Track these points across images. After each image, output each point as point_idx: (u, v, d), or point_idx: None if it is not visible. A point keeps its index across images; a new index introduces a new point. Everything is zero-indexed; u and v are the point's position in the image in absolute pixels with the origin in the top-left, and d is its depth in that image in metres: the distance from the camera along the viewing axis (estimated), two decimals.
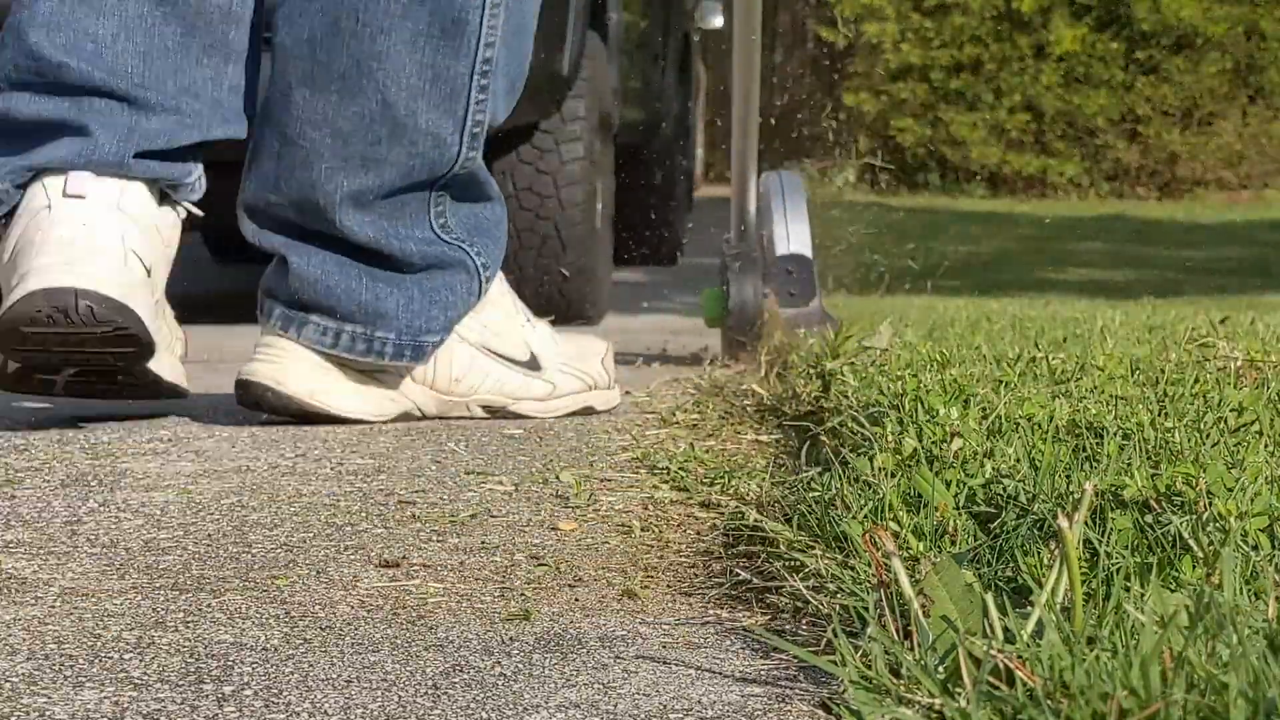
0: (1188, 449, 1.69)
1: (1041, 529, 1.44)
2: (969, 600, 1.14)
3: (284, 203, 2.44)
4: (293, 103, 2.38)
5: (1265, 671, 0.93)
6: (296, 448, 2.25)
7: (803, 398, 2.48)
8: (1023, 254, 9.37)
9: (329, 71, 2.36)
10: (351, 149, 2.38)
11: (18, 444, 2.24)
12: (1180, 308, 5.03)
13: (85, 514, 1.81)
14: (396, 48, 2.35)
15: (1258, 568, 1.28)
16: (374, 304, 2.43)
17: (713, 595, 1.51)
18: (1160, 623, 1.04)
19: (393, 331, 2.44)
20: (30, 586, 1.50)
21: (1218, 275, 7.99)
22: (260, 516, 1.82)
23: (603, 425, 2.53)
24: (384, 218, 2.41)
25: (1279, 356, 2.50)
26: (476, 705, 1.16)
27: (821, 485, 1.70)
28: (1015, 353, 2.61)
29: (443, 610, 1.44)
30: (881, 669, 1.10)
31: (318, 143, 2.38)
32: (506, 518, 1.84)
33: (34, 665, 1.24)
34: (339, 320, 2.43)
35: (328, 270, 2.43)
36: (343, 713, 1.14)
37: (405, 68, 2.35)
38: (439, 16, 2.34)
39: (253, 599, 1.46)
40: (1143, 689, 0.94)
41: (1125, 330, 3.37)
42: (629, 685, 1.22)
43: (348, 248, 2.43)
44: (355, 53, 2.34)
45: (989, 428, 1.87)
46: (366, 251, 2.43)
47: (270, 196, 2.44)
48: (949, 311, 4.15)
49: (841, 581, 1.39)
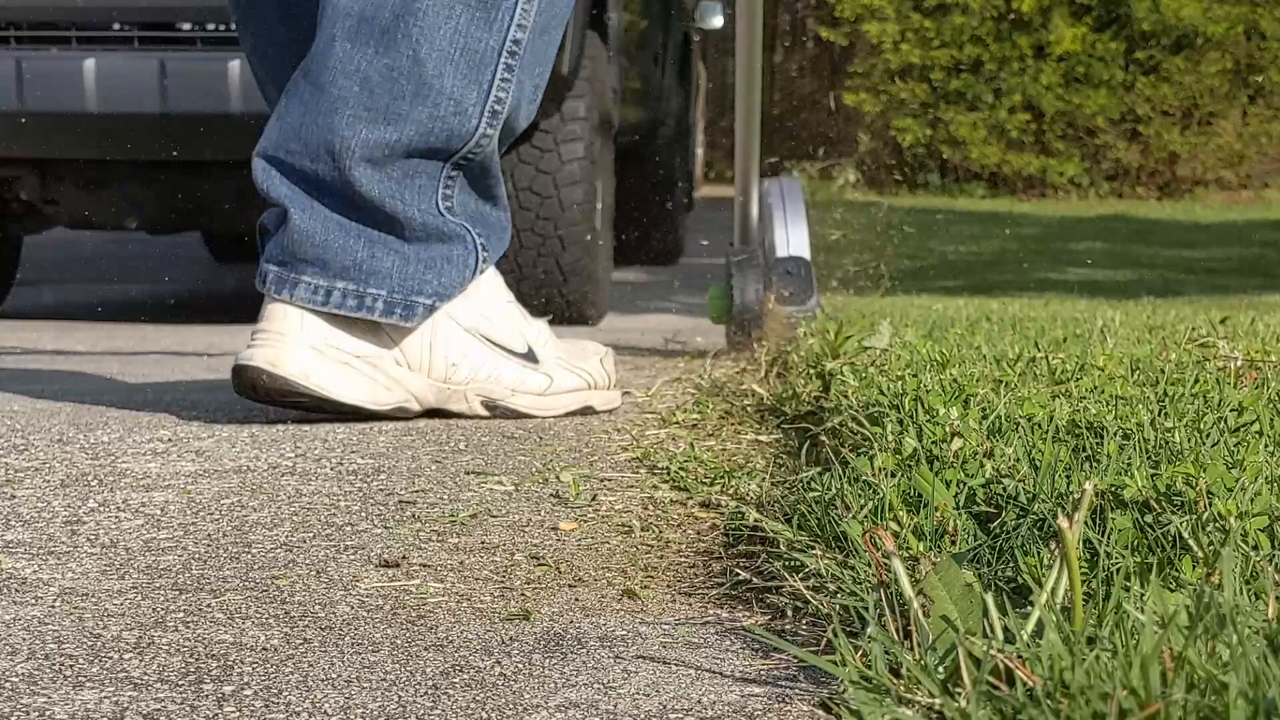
0: (1188, 449, 1.69)
1: (1041, 529, 1.44)
2: (969, 600, 1.14)
3: (301, 150, 2.47)
4: (333, 54, 2.45)
5: (1265, 671, 0.93)
6: (296, 448, 2.25)
7: (803, 398, 2.48)
8: (1023, 254, 9.37)
9: (371, 25, 2.43)
10: (377, 99, 2.43)
11: (18, 444, 2.24)
12: (1180, 308, 5.03)
13: (85, 514, 1.81)
14: (434, 7, 2.42)
15: (1258, 568, 1.28)
16: (369, 262, 2.47)
17: (713, 595, 1.51)
18: (1160, 623, 1.05)
19: (384, 289, 2.46)
20: (30, 586, 1.50)
21: (1218, 275, 7.99)
22: (260, 516, 1.82)
23: (603, 425, 2.53)
24: (394, 180, 2.45)
25: (1279, 356, 2.50)
26: (476, 705, 1.16)
27: (821, 485, 1.70)
28: (1015, 353, 2.61)
29: (443, 610, 1.44)
30: (881, 669, 1.10)
31: (346, 90, 2.44)
32: (506, 518, 1.84)
33: (34, 665, 1.24)
34: (330, 277, 2.45)
35: (328, 227, 2.47)
36: (343, 713, 1.14)
37: (440, 29, 2.42)
38: None
39: (253, 599, 1.46)
40: (1143, 689, 0.94)
41: (1125, 330, 3.37)
42: (629, 685, 1.22)
43: (353, 205, 2.46)
44: (396, 8, 2.42)
45: (989, 428, 1.87)
46: (370, 209, 2.47)
47: (290, 144, 2.48)
48: (949, 311, 4.14)
49: (841, 581, 1.39)
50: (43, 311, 5.35)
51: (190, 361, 3.43)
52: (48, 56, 4.57)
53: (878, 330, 2.75)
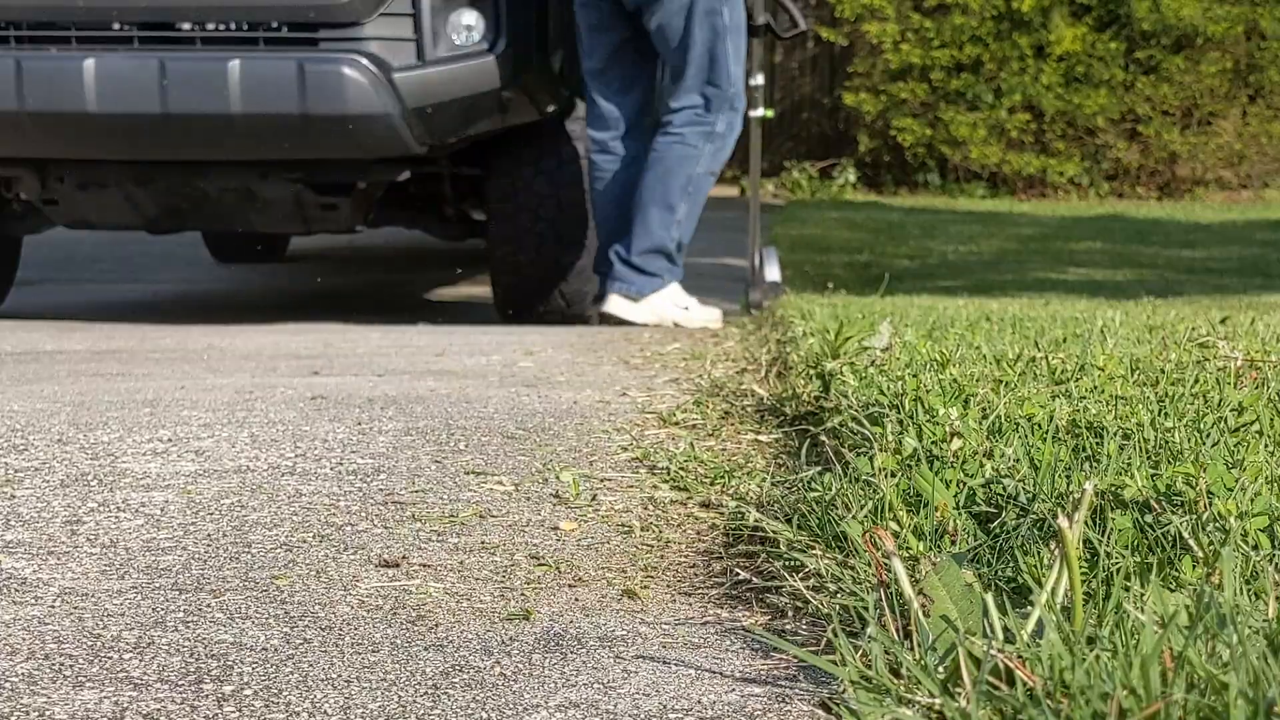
0: (1188, 449, 1.69)
1: (1041, 529, 1.44)
2: (969, 600, 1.14)
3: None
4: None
5: (1265, 671, 0.93)
6: (296, 448, 2.25)
7: (803, 398, 2.48)
8: (1023, 254, 9.35)
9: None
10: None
11: (18, 444, 2.24)
12: (1180, 308, 5.03)
13: (85, 514, 1.81)
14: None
15: (1258, 568, 1.28)
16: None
17: (713, 595, 1.51)
18: (1160, 623, 1.04)
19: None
20: (30, 586, 1.50)
21: (1218, 275, 7.98)
22: (260, 516, 1.82)
23: (603, 425, 2.53)
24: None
25: (1279, 356, 2.50)
26: (476, 705, 1.16)
27: (821, 485, 1.70)
28: (1015, 353, 2.61)
29: (443, 610, 1.44)
30: (881, 669, 1.10)
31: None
32: (506, 518, 1.84)
33: (34, 665, 1.24)
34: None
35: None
36: (343, 713, 1.14)
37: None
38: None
39: (253, 599, 1.46)
40: (1143, 689, 0.94)
41: (1125, 330, 3.37)
42: (629, 685, 1.22)
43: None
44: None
45: (989, 428, 1.86)
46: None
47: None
48: (949, 311, 4.14)
49: (841, 581, 1.39)
50: (43, 311, 5.35)
51: (190, 361, 3.42)
52: (48, 56, 4.57)
53: (878, 330, 2.75)
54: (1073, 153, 15.40)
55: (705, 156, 4.87)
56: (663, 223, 4.84)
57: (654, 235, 4.84)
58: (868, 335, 2.72)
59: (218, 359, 3.51)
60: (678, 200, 4.86)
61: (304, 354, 3.61)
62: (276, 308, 5.69)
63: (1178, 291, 6.83)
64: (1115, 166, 15.60)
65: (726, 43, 4.81)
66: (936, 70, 15.29)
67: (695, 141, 4.85)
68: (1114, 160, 15.53)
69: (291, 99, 4.47)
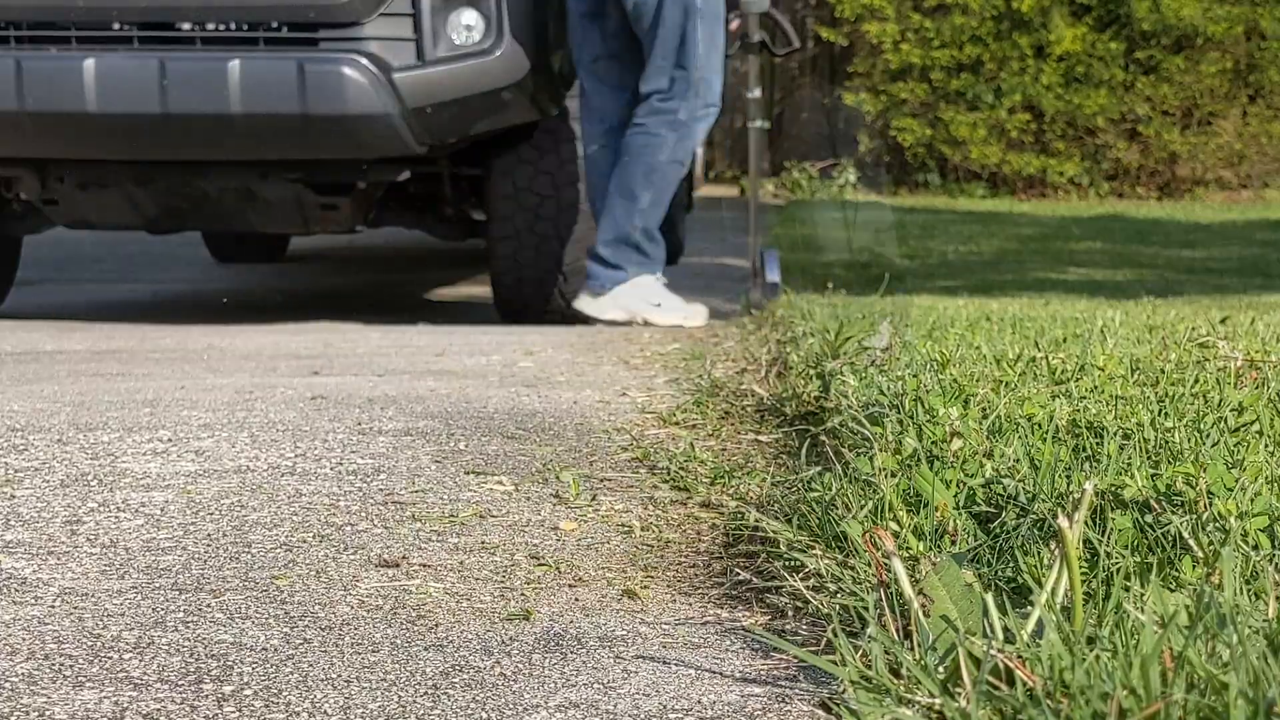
0: (1188, 449, 1.69)
1: (1041, 529, 1.44)
2: (969, 600, 1.14)
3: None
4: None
5: (1265, 671, 0.93)
6: (296, 448, 2.25)
7: (803, 398, 2.48)
8: (1023, 254, 9.35)
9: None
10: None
11: (18, 444, 2.24)
12: (1180, 308, 5.02)
13: (85, 514, 1.81)
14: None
15: (1258, 568, 1.28)
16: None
17: (713, 595, 1.51)
18: (1160, 623, 1.04)
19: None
20: (30, 586, 1.50)
21: (1218, 275, 7.97)
22: (260, 516, 1.82)
23: (603, 425, 2.53)
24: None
25: (1279, 356, 2.50)
26: (476, 705, 1.16)
27: (821, 485, 1.70)
28: (1015, 353, 2.61)
29: (443, 610, 1.44)
30: (881, 669, 1.10)
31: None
32: (506, 518, 1.84)
33: (34, 665, 1.24)
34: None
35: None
36: (343, 713, 1.14)
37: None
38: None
39: (253, 599, 1.46)
40: (1143, 689, 0.94)
41: (1125, 330, 3.37)
42: (629, 685, 1.22)
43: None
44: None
45: (989, 428, 1.86)
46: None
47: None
48: (949, 311, 4.14)
49: (841, 581, 1.39)
50: (43, 311, 5.35)
51: (190, 361, 3.42)
52: (48, 56, 4.57)
53: (878, 330, 2.75)
54: (1073, 153, 15.40)
55: (669, 145, 4.83)
56: (625, 211, 4.82)
57: (617, 224, 4.83)
58: (868, 335, 2.72)
59: (218, 359, 3.51)
60: (640, 188, 4.84)
61: (304, 354, 3.62)
62: (276, 308, 5.70)
63: (1178, 291, 6.83)
64: (1115, 166, 15.60)
65: (696, 23, 4.80)
66: (936, 70, 15.29)
67: (657, 130, 4.83)
68: (1114, 160, 15.53)
69: (291, 99, 4.47)
